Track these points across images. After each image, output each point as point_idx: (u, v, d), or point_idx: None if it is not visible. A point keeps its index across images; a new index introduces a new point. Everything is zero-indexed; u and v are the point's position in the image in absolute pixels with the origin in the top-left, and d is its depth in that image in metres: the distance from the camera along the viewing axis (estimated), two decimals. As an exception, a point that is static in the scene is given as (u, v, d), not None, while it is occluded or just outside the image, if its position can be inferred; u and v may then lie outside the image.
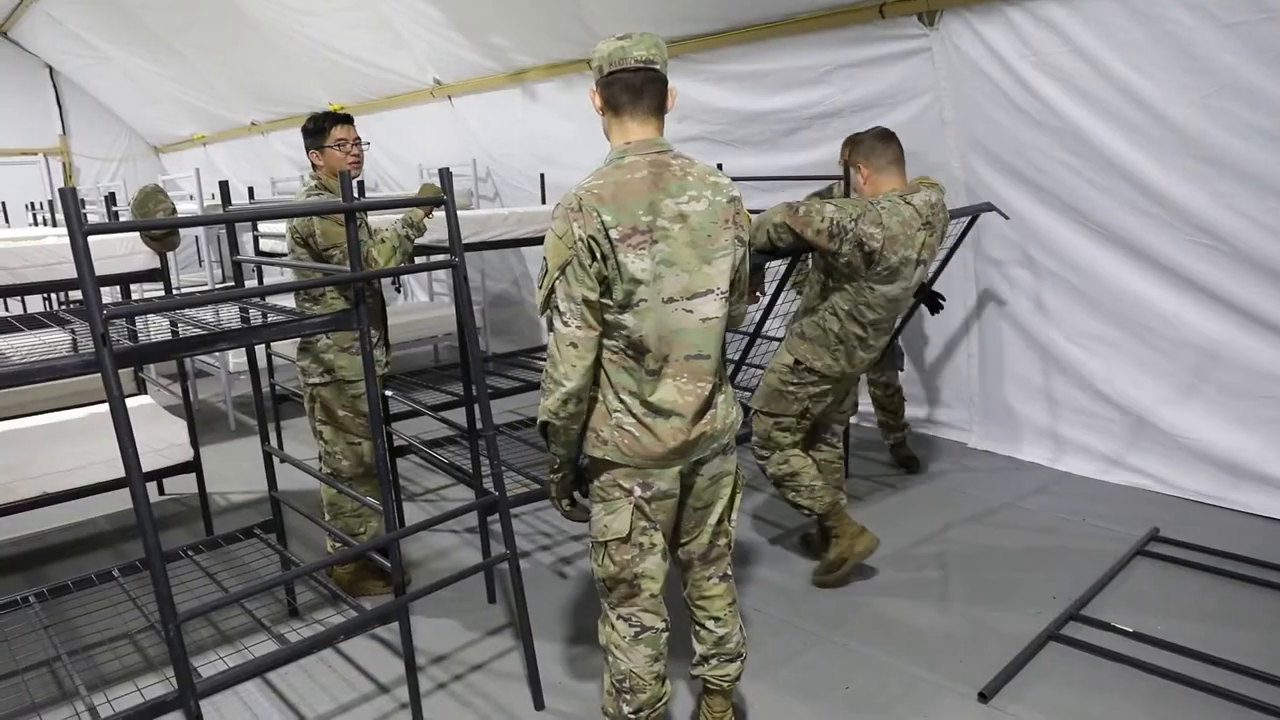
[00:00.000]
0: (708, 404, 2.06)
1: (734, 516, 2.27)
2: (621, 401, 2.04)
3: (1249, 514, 3.63)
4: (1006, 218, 4.05)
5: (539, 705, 2.61)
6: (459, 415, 3.71)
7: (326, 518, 3.31)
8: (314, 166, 3.24)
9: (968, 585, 3.22)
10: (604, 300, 1.98)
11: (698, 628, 2.32)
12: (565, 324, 1.97)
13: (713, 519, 2.22)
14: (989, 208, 3.97)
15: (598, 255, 1.93)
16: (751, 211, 4.24)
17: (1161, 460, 3.92)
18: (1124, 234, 3.78)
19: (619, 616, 2.17)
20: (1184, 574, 3.22)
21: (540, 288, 2.01)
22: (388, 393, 3.64)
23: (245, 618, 3.04)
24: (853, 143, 3.06)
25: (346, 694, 2.74)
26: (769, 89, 4.74)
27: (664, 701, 2.23)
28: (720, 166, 4.66)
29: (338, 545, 3.32)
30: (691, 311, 2.01)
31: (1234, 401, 3.68)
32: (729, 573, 2.30)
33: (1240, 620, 2.89)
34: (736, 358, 3.44)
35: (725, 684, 2.34)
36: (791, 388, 3.10)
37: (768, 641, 2.91)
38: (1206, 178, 3.47)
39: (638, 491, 2.07)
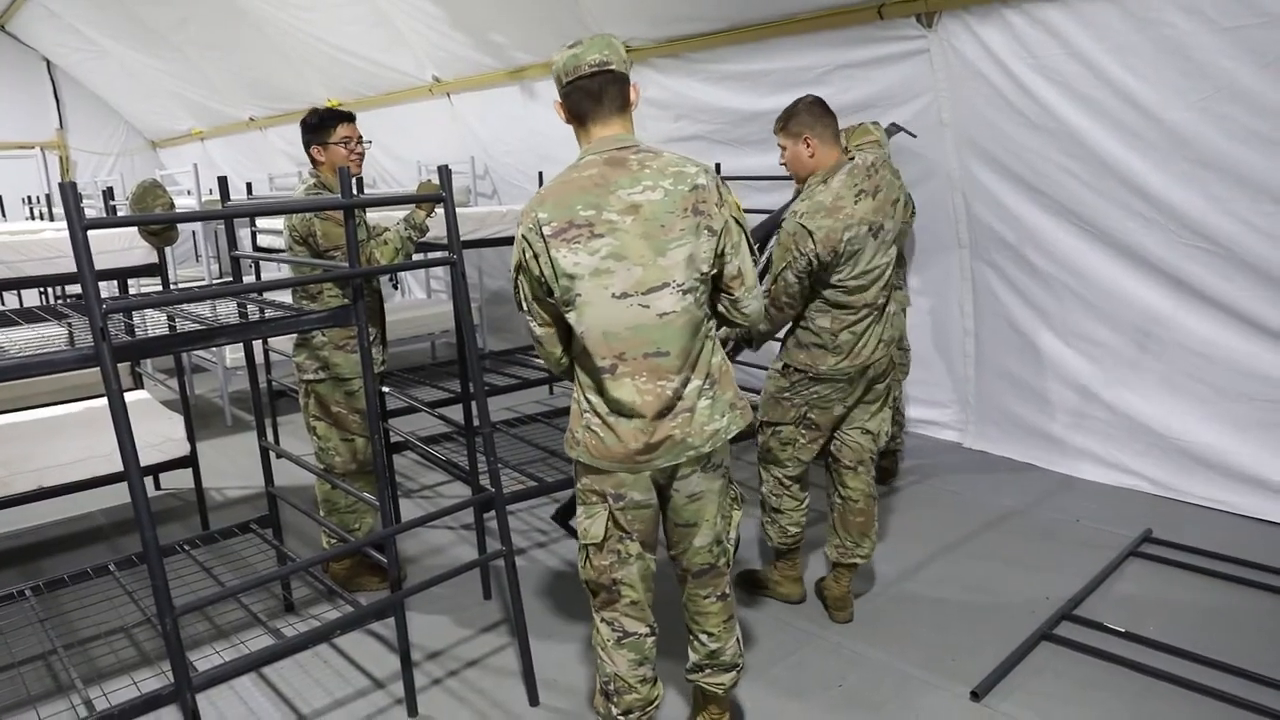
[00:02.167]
0: (670, 405, 1.98)
1: (732, 535, 2.22)
2: (588, 401, 2.04)
3: (1241, 516, 3.64)
4: (914, 136, 4.03)
5: (534, 701, 2.62)
6: (456, 412, 3.72)
7: (322, 513, 3.32)
8: (314, 163, 3.21)
9: (960, 584, 3.24)
10: (549, 300, 2.01)
11: (692, 637, 2.30)
12: (530, 319, 2.08)
13: (700, 539, 2.16)
14: (895, 130, 3.90)
15: (531, 254, 1.97)
16: (750, 211, 4.23)
17: (1155, 462, 3.94)
18: (1120, 236, 3.80)
19: (603, 620, 2.18)
20: (1176, 575, 3.23)
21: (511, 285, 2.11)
22: (385, 389, 3.64)
23: (241, 612, 3.04)
24: (789, 116, 2.82)
25: (342, 689, 2.75)
26: (767, 89, 4.75)
27: (654, 705, 2.21)
28: (718, 166, 4.70)
29: (334, 541, 3.33)
30: (648, 307, 1.94)
31: (1228, 404, 3.69)
32: (727, 592, 2.25)
33: (1232, 621, 2.91)
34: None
35: (720, 691, 2.32)
36: (786, 393, 2.91)
37: (761, 639, 2.92)
38: (1202, 181, 3.48)
39: (610, 500, 2.06)
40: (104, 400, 1.88)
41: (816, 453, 2.99)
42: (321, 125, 3.17)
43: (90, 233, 1.82)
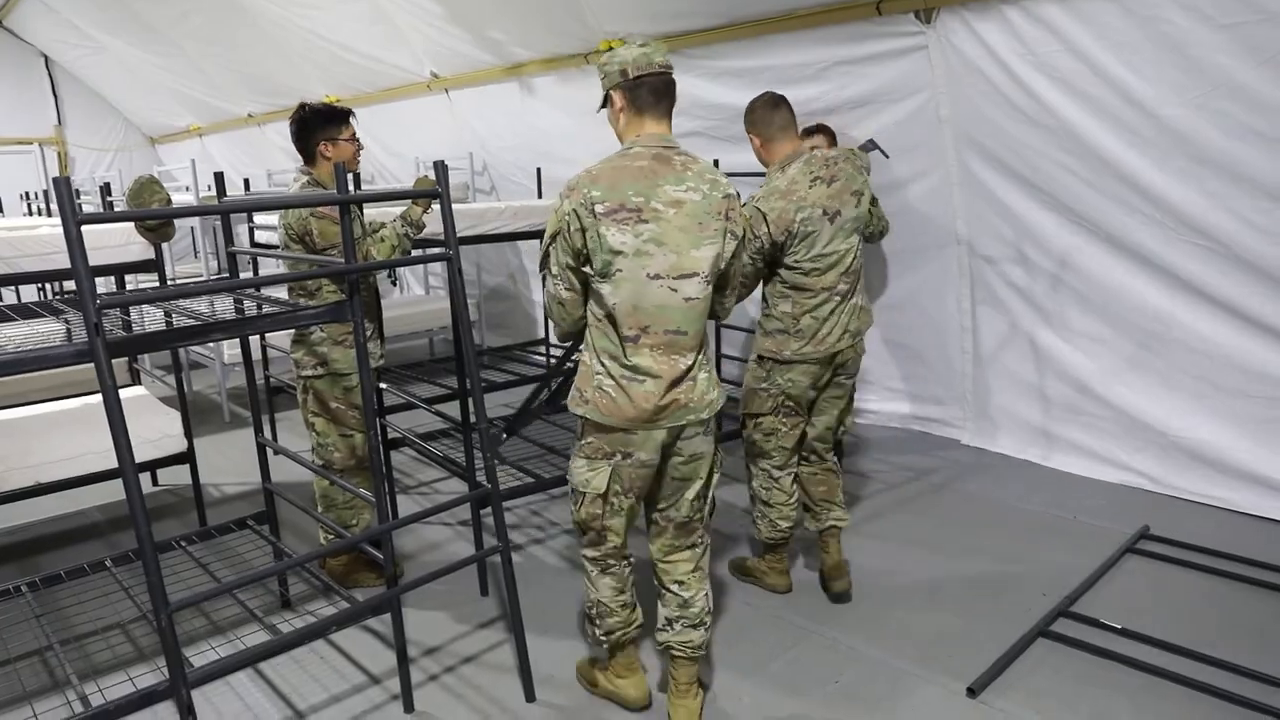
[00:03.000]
0: (681, 377, 2.21)
1: (711, 493, 2.43)
2: (603, 365, 2.23)
3: (1239, 512, 3.65)
4: (887, 156, 4.08)
5: (530, 697, 2.62)
6: (453, 408, 3.71)
7: (319, 510, 3.31)
8: (319, 158, 3.13)
9: (958, 581, 3.24)
10: (585, 269, 2.20)
11: (663, 591, 2.46)
12: (556, 284, 2.27)
13: (691, 493, 2.37)
14: (872, 146, 4.01)
15: (576, 227, 2.14)
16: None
17: (1153, 458, 3.94)
18: (1118, 233, 3.80)
19: (587, 556, 2.44)
20: (1174, 572, 3.24)
21: (541, 250, 2.30)
22: (382, 385, 3.64)
23: (237, 608, 3.04)
24: (748, 110, 3.02)
25: (338, 685, 2.75)
26: (766, 85, 4.69)
27: (634, 626, 2.49)
28: (716, 162, 4.69)
29: (331, 537, 3.32)
30: (676, 290, 2.18)
31: (1226, 401, 3.69)
32: (696, 542, 2.44)
33: (1229, 618, 2.91)
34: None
35: (689, 651, 2.42)
36: (763, 383, 3.01)
37: (756, 636, 2.92)
38: (1200, 178, 3.48)
39: (618, 458, 2.26)
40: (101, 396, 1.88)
41: (799, 439, 3.08)
42: (333, 120, 3.13)
43: (87, 228, 1.82)
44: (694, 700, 2.43)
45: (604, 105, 2.30)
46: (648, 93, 2.21)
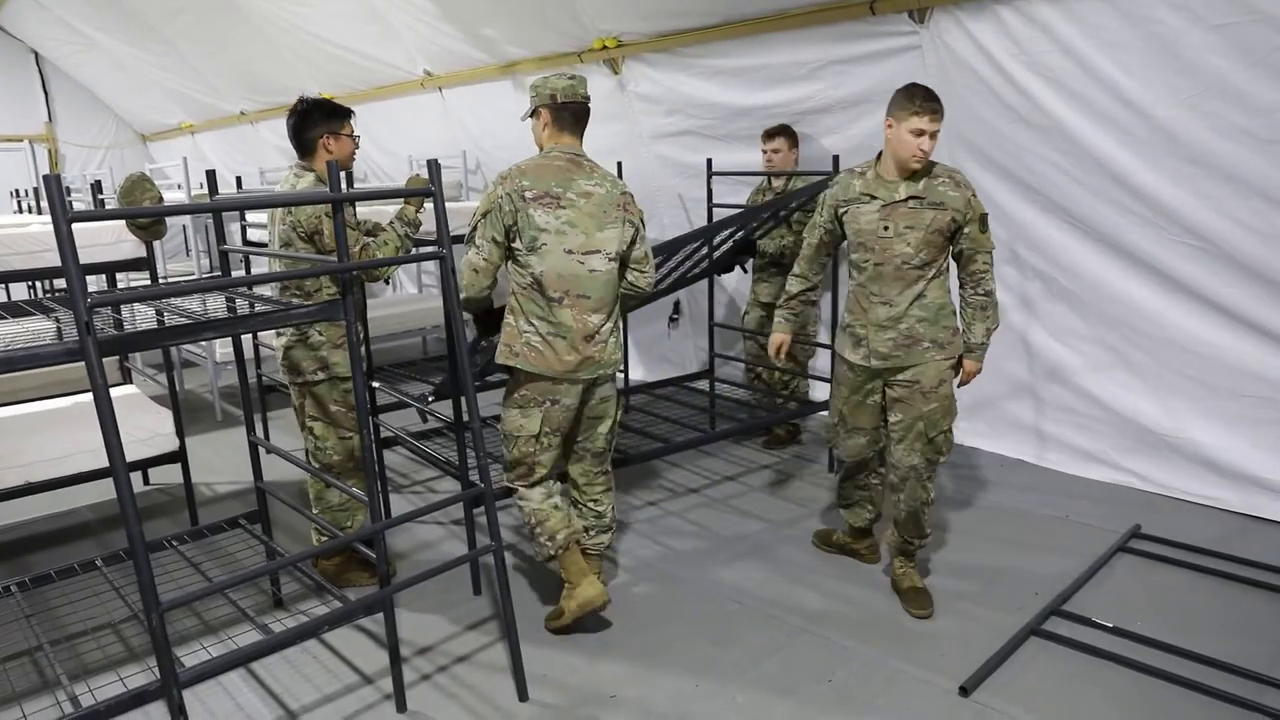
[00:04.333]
0: (593, 334, 2.77)
1: (615, 428, 3.05)
2: (531, 324, 2.76)
3: (1230, 511, 3.67)
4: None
5: (523, 697, 2.62)
6: (445, 407, 3.71)
7: (314, 510, 3.30)
8: (320, 151, 3.08)
9: (950, 580, 3.24)
10: (514, 246, 2.73)
11: (581, 507, 3.09)
12: (477, 253, 2.74)
13: (603, 428, 3.00)
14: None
15: (509, 208, 2.69)
16: (736, 206, 4.25)
17: (1145, 458, 3.95)
18: (1111, 233, 3.81)
19: (518, 485, 2.94)
20: (1165, 570, 3.25)
21: (469, 227, 2.78)
22: (375, 384, 3.63)
23: (229, 608, 3.03)
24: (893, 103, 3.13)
25: (331, 684, 2.74)
26: (760, 84, 4.74)
27: (573, 530, 2.92)
28: (710, 161, 4.70)
29: (323, 536, 3.31)
30: (583, 263, 2.75)
31: (1217, 401, 3.71)
32: (609, 469, 3.10)
33: (1219, 616, 2.92)
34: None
35: (599, 549, 3.11)
36: (948, 385, 3.00)
37: (749, 635, 2.92)
38: (1193, 178, 3.49)
39: (548, 405, 2.80)
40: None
41: None
42: (336, 114, 3.10)
43: (78, 226, 1.81)
44: (598, 573, 3.05)
45: (530, 115, 2.84)
46: (569, 115, 2.79)
